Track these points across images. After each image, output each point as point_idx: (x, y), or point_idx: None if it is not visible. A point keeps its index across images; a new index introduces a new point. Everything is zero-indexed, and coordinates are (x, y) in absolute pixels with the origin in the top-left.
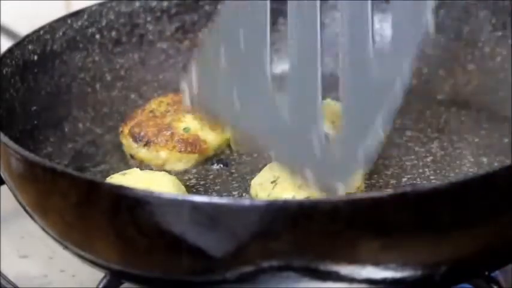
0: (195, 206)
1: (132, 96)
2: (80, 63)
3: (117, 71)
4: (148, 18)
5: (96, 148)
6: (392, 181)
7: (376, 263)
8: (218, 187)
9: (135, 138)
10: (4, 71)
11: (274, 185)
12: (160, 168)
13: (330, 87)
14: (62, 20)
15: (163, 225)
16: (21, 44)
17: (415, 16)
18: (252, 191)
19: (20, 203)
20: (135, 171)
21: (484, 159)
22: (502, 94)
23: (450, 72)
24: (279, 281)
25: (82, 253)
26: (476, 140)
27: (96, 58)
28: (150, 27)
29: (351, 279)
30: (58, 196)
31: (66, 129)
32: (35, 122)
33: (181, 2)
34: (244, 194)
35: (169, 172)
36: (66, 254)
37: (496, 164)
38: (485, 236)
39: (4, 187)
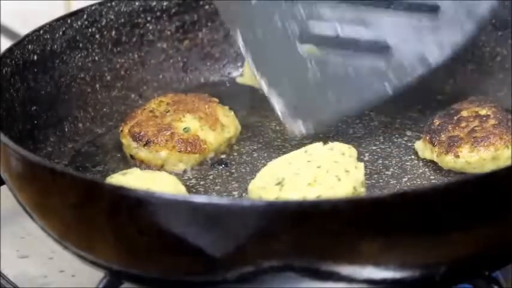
0: (195, 206)
1: (132, 96)
2: (80, 63)
3: (117, 71)
4: (148, 18)
5: (96, 148)
6: (393, 181)
7: (376, 263)
8: (218, 187)
9: (135, 138)
10: (4, 71)
11: (280, 187)
12: (160, 168)
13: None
14: (62, 19)
15: (163, 225)
16: (21, 43)
17: None
18: (253, 195)
19: (20, 203)
20: (135, 171)
21: None
22: (502, 94)
23: (450, 72)
24: (279, 281)
25: (82, 253)
26: None
27: (96, 58)
28: (150, 27)
29: (351, 280)
30: (58, 196)
31: (66, 129)
32: (35, 122)
33: (181, 2)
34: (244, 194)
35: (169, 172)
36: (66, 254)
37: None
38: (485, 236)
39: (4, 187)
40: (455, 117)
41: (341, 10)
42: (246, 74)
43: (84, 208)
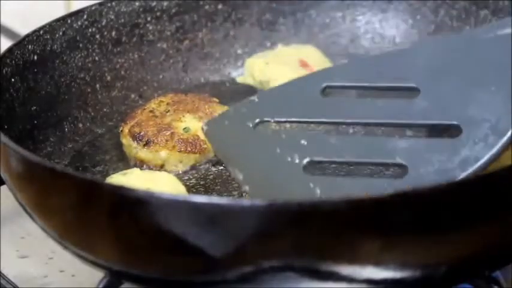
0: (195, 206)
1: (132, 96)
2: (80, 63)
3: (117, 71)
4: (148, 18)
5: (96, 148)
6: None
7: (376, 263)
8: (218, 187)
9: (135, 138)
10: (4, 71)
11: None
12: (160, 168)
13: None
14: (62, 19)
15: (163, 225)
16: (21, 43)
17: None
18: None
19: (20, 203)
20: (135, 171)
21: None
22: None
23: None
24: (280, 281)
25: (82, 253)
26: None
27: (96, 58)
28: (150, 27)
29: (351, 280)
30: (58, 196)
31: (66, 129)
32: (35, 122)
33: (181, 2)
34: (244, 194)
35: (169, 172)
36: (66, 254)
37: None
38: (485, 236)
39: (4, 187)
40: None
41: (349, 139)
42: (246, 74)
43: (84, 208)
